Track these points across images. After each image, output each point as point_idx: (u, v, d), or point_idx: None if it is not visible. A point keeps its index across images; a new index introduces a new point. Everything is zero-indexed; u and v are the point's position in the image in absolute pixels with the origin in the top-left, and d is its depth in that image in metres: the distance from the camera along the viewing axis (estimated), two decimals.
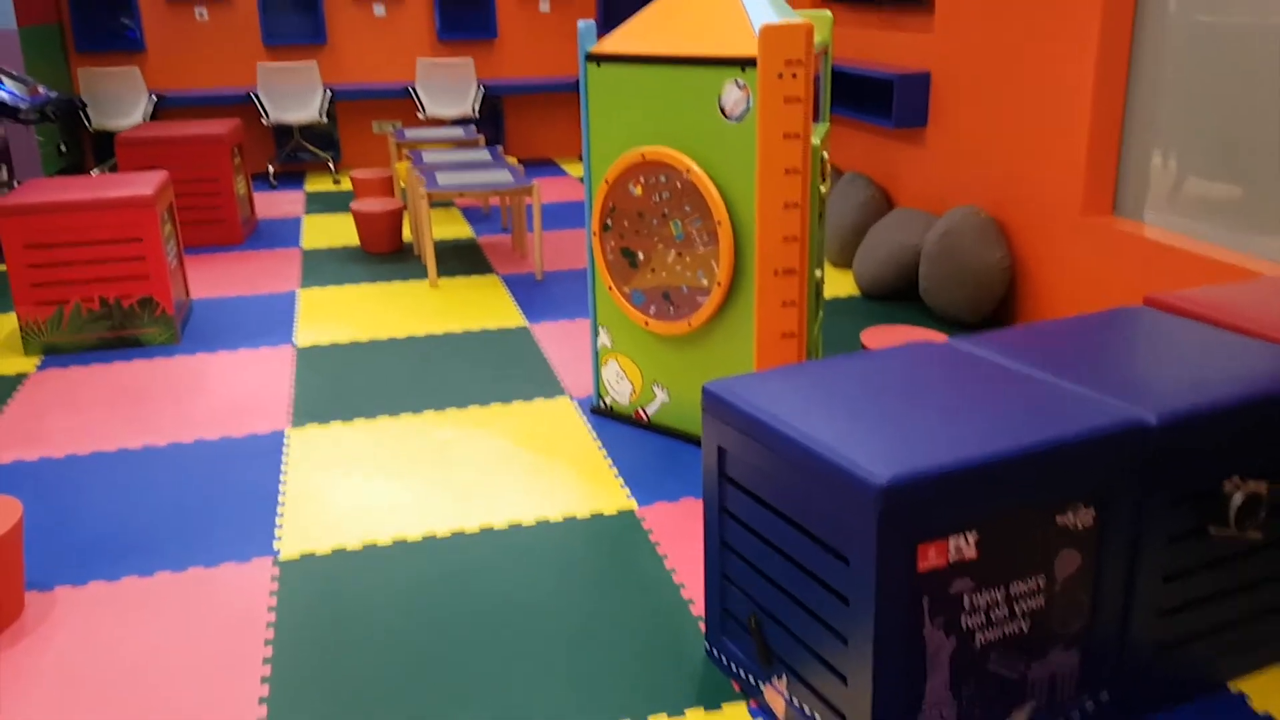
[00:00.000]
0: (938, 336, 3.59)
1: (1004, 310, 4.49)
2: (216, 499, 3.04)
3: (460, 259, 5.69)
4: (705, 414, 2.14)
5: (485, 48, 8.62)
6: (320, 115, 7.74)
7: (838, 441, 1.83)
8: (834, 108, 5.65)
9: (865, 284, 4.89)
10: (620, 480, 3.13)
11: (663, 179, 3.19)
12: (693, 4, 3.17)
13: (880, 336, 3.59)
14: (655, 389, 3.45)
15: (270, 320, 4.66)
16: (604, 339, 3.54)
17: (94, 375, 4.00)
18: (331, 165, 8.14)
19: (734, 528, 2.14)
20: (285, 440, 3.44)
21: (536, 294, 5.04)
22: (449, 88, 8.11)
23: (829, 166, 3.33)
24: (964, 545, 1.82)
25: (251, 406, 3.71)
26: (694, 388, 3.35)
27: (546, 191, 7.45)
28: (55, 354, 4.20)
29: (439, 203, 7.02)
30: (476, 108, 8.15)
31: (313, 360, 4.16)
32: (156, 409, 3.69)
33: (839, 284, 5.12)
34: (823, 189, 3.28)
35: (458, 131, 6.94)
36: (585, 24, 3.26)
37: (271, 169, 7.86)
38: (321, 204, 7.15)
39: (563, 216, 6.66)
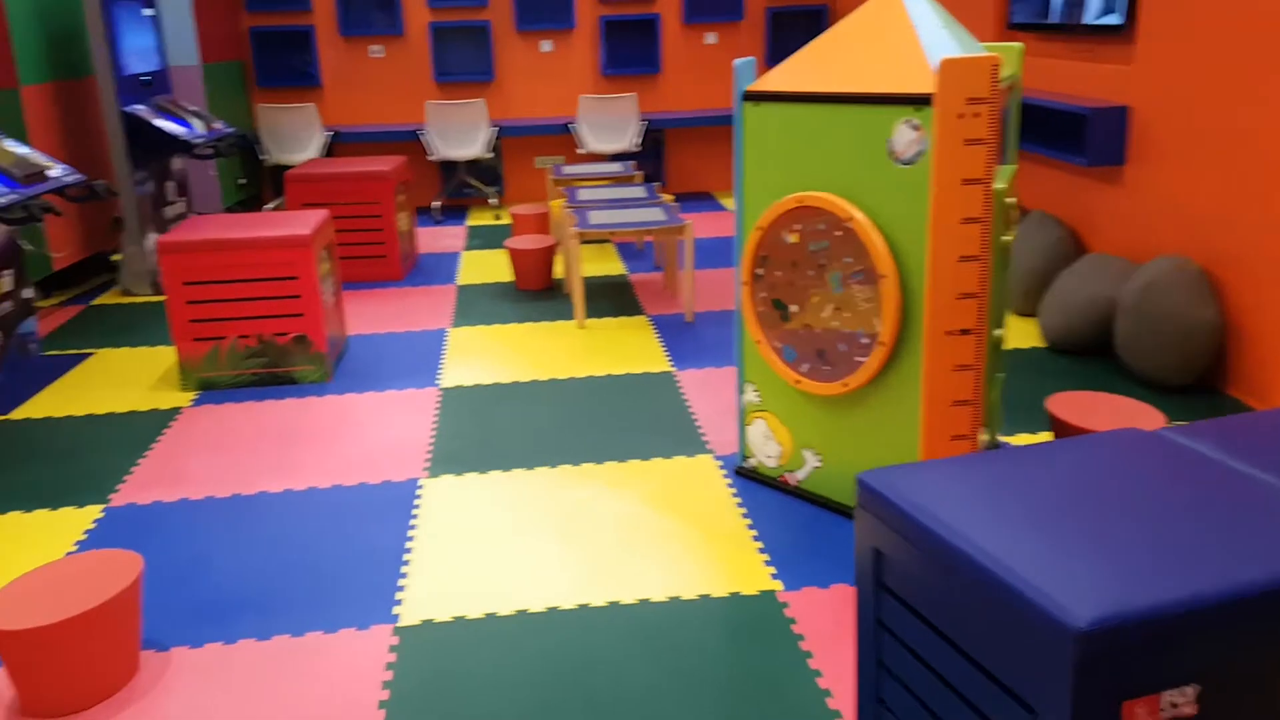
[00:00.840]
0: (1141, 410, 3.14)
1: (1214, 374, 3.95)
2: (344, 555, 2.93)
3: (610, 297, 5.53)
4: (860, 509, 1.85)
5: (649, 82, 8.52)
6: (485, 151, 7.81)
7: (1025, 565, 1.50)
8: (1020, 143, 5.20)
9: (1052, 336, 4.43)
10: (764, 556, 2.85)
11: (821, 226, 2.90)
12: (863, 37, 2.89)
13: (1071, 406, 3.17)
14: (806, 454, 3.15)
15: (419, 359, 4.61)
16: (751, 395, 3.27)
17: (244, 413, 4.02)
18: (494, 200, 8.19)
19: (892, 646, 1.83)
20: (419, 491, 3.32)
21: (685, 337, 4.81)
22: (610, 123, 8.04)
23: (1015, 212, 2.96)
24: (1182, 701, 1.46)
25: (391, 451, 3.62)
26: (850, 455, 3.03)
27: (703, 227, 7.24)
28: (211, 389, 4.26)
29: (593, 239, 6.92)
30: (637, 142, 8.04)
31: (455, 403, 4.06)
32: (300, 451, 3.65)
33: (1021, 335, 4.67)
34: (1006, 239, 2.91)
35: (615, 167, 6.83)
36: (743, 62, 3.02)
37: (436, 204, 7.97)
38: (481, 239, 7.18)
39: (720, 254, 6.43)
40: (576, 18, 8.32)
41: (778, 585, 2.70)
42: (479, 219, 7.91)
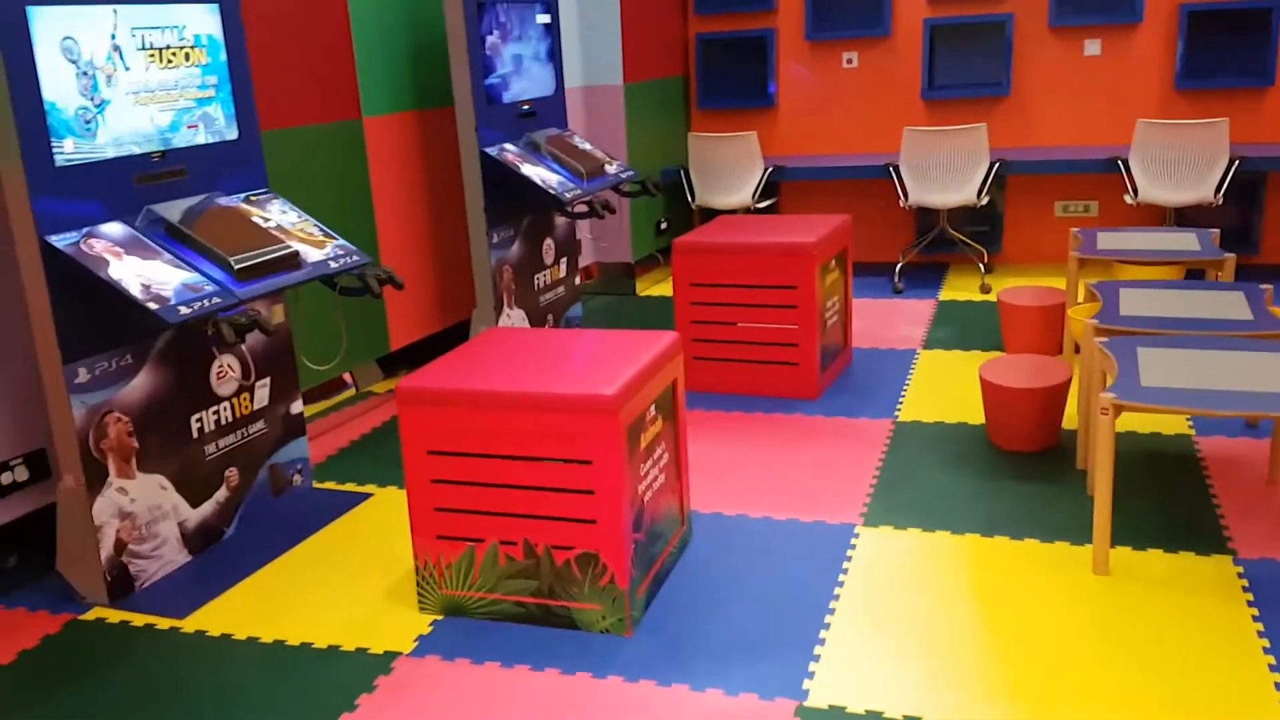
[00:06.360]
0: None
1: None
2: None
3: (1159, 489, 3.14)
4: None
5: (1252, 99, 5.67)
6: (978, 196, 5.58)
7: None
8: None
9: None
10: None
11: None
12: None
13: None
14: None
15: (789, 602, 2.67)
16: None
17: (473, 693, 2.39)
18: (983, 263, 5.92)
19: None
20: None
21: None
22: (1183, 159, 5.37)
23: None
24: None
25: None
26: None
27: None
28: (457, 615, 2.70)
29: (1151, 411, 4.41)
30: (1220, 191, 5.30)
31: None
32: None
33: None
34: None
35: (1185, 238, 4.27)
36: None
37: (899, 265, 5.90)
38: (953, 329, 5.00)
39: None
40: (1145, 7, 5.73)
41: None
42: (957, 289, 5.71)
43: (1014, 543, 2.94)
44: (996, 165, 5.63)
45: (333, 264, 3.08)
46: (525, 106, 4.50)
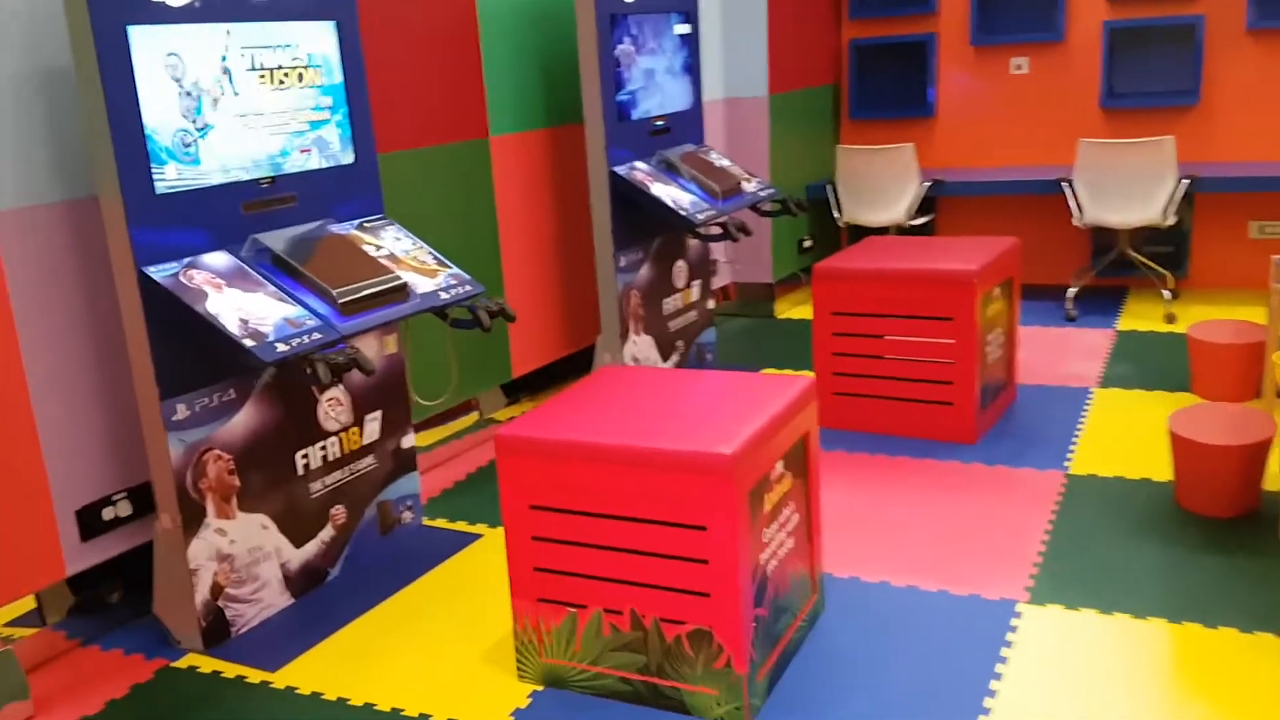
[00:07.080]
0: None
1: None
2: None
3: None
4: None
5: None
6: (1164, 216, 5.00)
7: None
8: None
9: None
10: None
11: None
12: None
13: None
14: None
15: (938, 695, 2.31)
16: None
17: None
18: (1167, 288, 5.31)
19: None
20: None
21: None
22: None
23: None
24: None
25: None
26: None
27: None
28: (558, 686, 2.46)
29: None
30: None
31: None
32: None
33: None
34: None
35: None
36: None
37: (1072, 290, 5.35)
38: (1134, 359, 4.46)
39: None
40: None
41: None
42: (1138, 317, 5.14)
43: (1207, 631, 2.48)
44: (1186, 181, 5.03)
45: (443, 295, 2.91)
46: (659, 122, 4.25)
